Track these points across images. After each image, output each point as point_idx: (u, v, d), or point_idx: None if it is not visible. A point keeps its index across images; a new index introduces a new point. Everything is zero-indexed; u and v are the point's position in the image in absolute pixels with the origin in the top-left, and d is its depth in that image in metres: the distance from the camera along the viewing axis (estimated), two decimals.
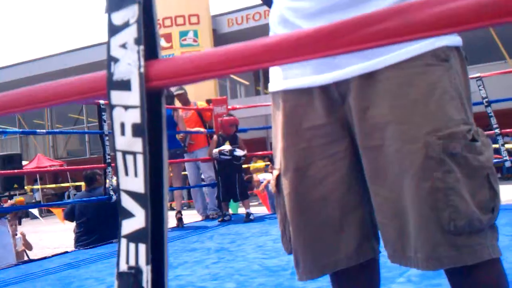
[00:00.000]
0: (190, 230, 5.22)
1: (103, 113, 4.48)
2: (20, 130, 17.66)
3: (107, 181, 4.47)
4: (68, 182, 18.29)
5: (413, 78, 1.08)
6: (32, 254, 6.40)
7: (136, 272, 0.53)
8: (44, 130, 7.76)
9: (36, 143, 24.31)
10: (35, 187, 17.87)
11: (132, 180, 0.55)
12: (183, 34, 16.28)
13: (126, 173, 0.55)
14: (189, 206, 15.80)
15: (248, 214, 5.59)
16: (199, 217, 6.31)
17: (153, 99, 0.55)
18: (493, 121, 4.65)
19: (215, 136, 5.82)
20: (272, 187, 1.30)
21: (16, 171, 7.49)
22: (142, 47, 0.54)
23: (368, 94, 1.11)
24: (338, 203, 1.19)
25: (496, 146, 4.76)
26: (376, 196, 1.14)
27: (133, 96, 0.54)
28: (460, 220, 1.02)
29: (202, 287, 2.84)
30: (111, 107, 0.56)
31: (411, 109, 1.07)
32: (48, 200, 18.06)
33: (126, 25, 0.55)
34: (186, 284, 2.93)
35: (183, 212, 5.83)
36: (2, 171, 7.37)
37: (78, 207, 5.39)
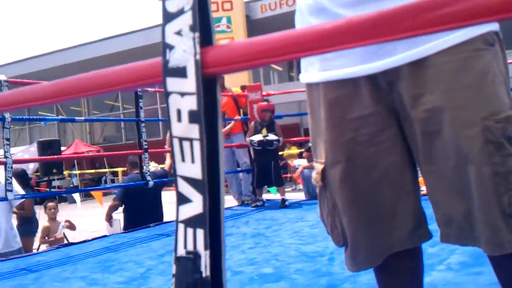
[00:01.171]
0: (225, 215, 5.26)
1: (140, 100, 4.53)
2: (60, 117, 18.04)
3: (144, 167, 4.53)
4: (105, 168, 18.64)
5: (465, 63, 1.07)
6: (71, 238, 6.57)
7: (194, 256, 0.54)
8: (82, 118, 7.89)
9: (73, 129, 24.85)
10: (73, 172, 18.28)
11: (189, 166, 0.55)
12: (216, 20, 16.27)
13: (183, 159, 0.56)
14: None
15: (283, 200, 5.60)
16: (235, 202, 6.36)
17: (209, 85, 0.55)
18: None
19: (252, 123, 5.82)
20: (317, 181, 1.30)
21: (55, 156, 7.65)
22: (197, 34, 0.54)
23: (420, 81, 1.10)
24: (391, 189, 1.19)
25: None
26: (431, 175, 1.14)
27: (189, 83, 0.55)
28: None
29: (239, 271, 2.86)
30: (167, 94, 0.56)
31: (465, 94, 1.06)
32: (86, 185, 18.45)
33: (181, 12, 0.55)
34: None
35: None
36: (42, 157, 7.55)
37: (125, 190, 5.45)
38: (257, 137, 5.61)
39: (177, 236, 0.56)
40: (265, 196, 6.06)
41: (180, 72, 0.55)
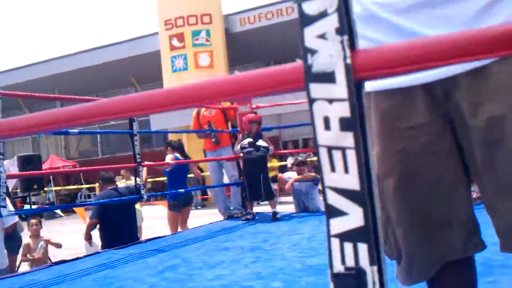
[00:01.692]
0: (217, 230, 5.19)
1: None
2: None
3: (138, 180, 4.45)
4: (81, 183, 18.31)
5: None
6: (52, 255, 6.40)
7: (357, 273, 0.50)
8: (76, 130, 7.70)
9: (48, 144, 24.37)
10: (50, 188, 17.90)
11: (341, 176, 0.52)
12: (195, 33, 16.22)
13: (333, 169, 0.53)
14: (203, 206, 15.81)
15: (274, 213, 5.56)
16: (219, 217, 6.27)
17: (358, 91, 0.52)
18: None
19: (240, 135, 5.80)
20: None
21: (41, 171, 7.48)
22: (346, 37, 0.51)
23: (479, 90, 1.10)
24: (446, 199, 1.18)
25: None
26: (492, 183, 1.14)
27: (339, 89, 0.51)
28: None
29: (249, 286, 2.82)
30: (311, 100, 0.53)
31: None
32: (61, 201, 18.09)
33: (323, 14, 0.52)
34: (230, 284, 2.91)
35: (198, 211, 5.87)
36: (22, 172, 7.37)
37: (101, 207, 5.36)
38: (247, 140, 5.60)
39: (331, 251, 0.52)
40: (255, 209, 6.01)
41: (327, 77, 0.52)
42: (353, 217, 0.51)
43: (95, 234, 5.63)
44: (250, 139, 5.60)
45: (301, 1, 0.54)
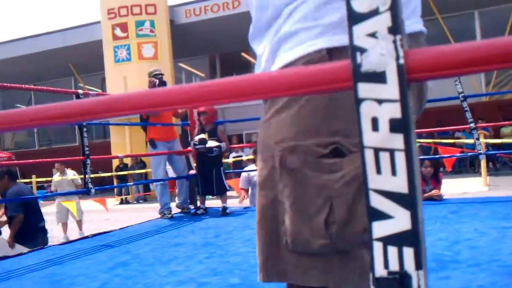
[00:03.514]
0: (166, 225, 5.11)
1: None
2: None
3: (86, 176, 4.31)
4: (17, 176, 17.50)
5: None
6: None
7: (401, 277, 0.49)
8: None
9: None
10: None
11: (388, 179, 0.51)
12: (139, 24, 15.88)
13: (379, 171, 0.51)
14: (145, 200, 15.56)
15: (224, 208, 5.54)
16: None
17: (408, 92, 0.51)
18: (469, 115, 4.78)
19: (196, 129, 5.73)
20: None
21: None
22: (399, 36, 0.50)
23: None
24: None
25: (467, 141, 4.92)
26: None
27: (390, 89, 0.50)
28: (289, 237, 1.00)
29: (206, 282, 2.78)
30: (358, 100, 0.52)
31: None
32: None
33: (374, 13, 0.51)
34: (186, 280, 2.86)
35: (139, 205, 5.76)
36: None
37: (18, 202, 5.32)
38: (199, 136, 5.52)
39: (374, 255, 0.51)
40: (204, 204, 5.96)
41: (378, 77, 0.51)
42: (400, 220, 0.50)
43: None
44: (201, 136, 5.52)
45: None
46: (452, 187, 10.05)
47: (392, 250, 0.51)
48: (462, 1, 16.32)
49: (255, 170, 6.07)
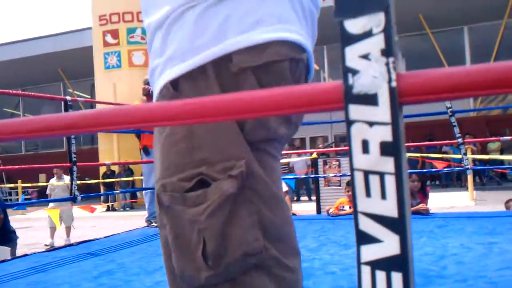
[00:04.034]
0: (153, 233, 5.08)
1: (70, 110, 4.28)
2: None
3: (72, 182, 4.27)
4: (2, 181, 17.34)
5: None
6: None
7: None
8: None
9: None
10: None
11: (377, 202, 0.50)
12: (130, 31, 15.86)
13: (368, 195, 0.51)
14: (132, 207, 15.47)
15: None
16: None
17: (400, 115, 0.51)
18: (456, 130, 4.82)
19: None
20: None
21: None
22: (392, 59, 0.50)
23: None
24: None
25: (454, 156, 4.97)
26: None
27: (382, 112, 0.50)
28: (177, 274, 1.00)
29: None
30: (349, 122, 0.51)
31: None
32: None
33: (368, 34, 0.51)
34: None
35: (126, 212, 5.68)
36: None
37: None
38: None
39: (361, 279, 0.51)
40: None
41: (369, 100, 0.51)
42: (389, 244, 0.49)
43: None
44: None
45: (343, 18, 0.52)
46: (440, 201, 10.11)
47: (380, 275, 0.50)
48: (452, 17, 16.52)
49: None
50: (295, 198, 14.86)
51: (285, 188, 6.02)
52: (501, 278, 2.69)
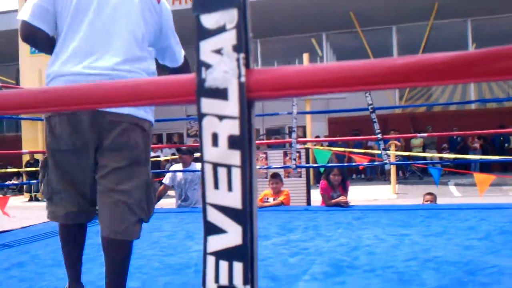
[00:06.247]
0: None
1: None
2: None
3: None
4: None
5: None
6: None
7: None
8: None
9: None
10: None
11: (224, 194, 0.51)
12: None
13: (216, 187, 0.52)
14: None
15: None
16: None
17: (249, 110, 0.52)
18: (376, 126, 4.98)
19: None
20: None
21: None
22: (242, 55, 0.51)
23: None
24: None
25: (378, 151, 5.17)
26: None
27: (231, 106, 0.51)
28: None
29: (103, 286, 2.71)
30: (201, 115, 0.52)
31: None
32: None
33: (221, 29, 0.52)
34: (85, 283, 2.77)
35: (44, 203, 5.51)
36: None
37: None
38: None
39: (206, 269, 0.51)
40: None
41: (220, 94, 0.51)
42: (232, 235, 0.51)
43: None
44: None
45: (199, 13, 0.53)
46: (364, 194, 10.45)
47: (223, 265, 0.51)
48: (381, 16, 17.02)
49: (181, 170, 5.95)
50: None
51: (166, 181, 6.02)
52: (407, 268, 2.82)
